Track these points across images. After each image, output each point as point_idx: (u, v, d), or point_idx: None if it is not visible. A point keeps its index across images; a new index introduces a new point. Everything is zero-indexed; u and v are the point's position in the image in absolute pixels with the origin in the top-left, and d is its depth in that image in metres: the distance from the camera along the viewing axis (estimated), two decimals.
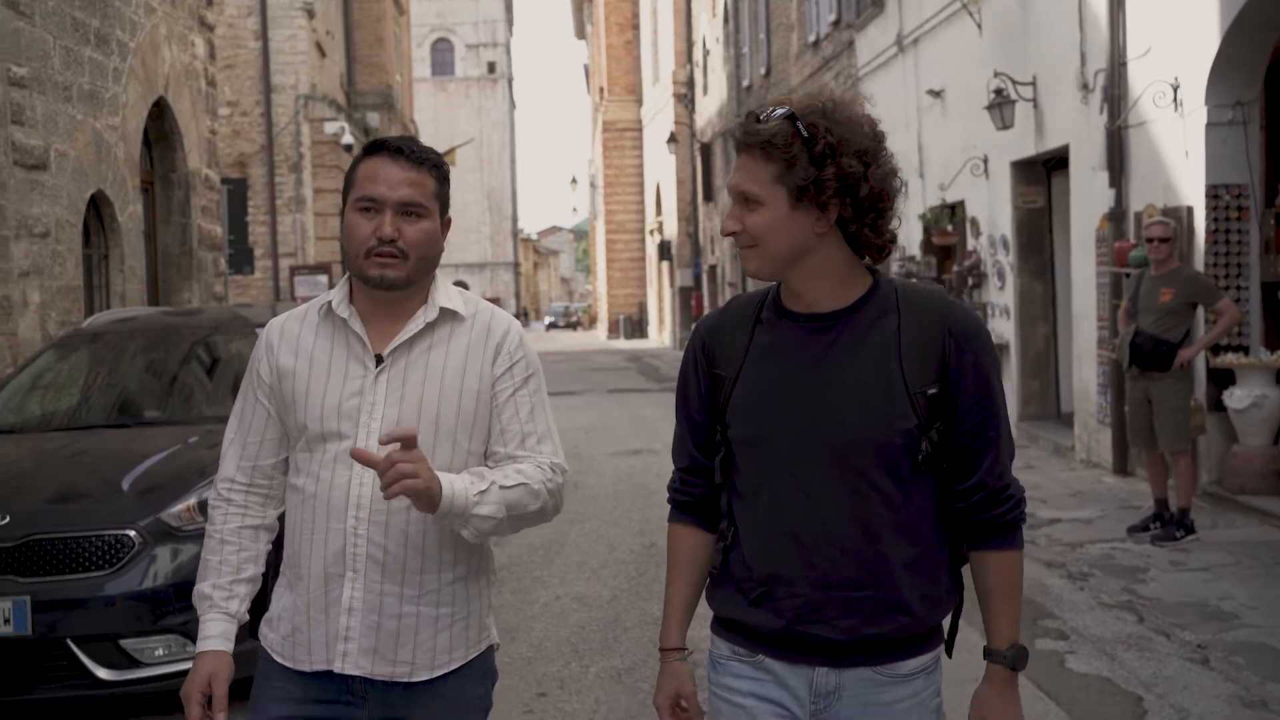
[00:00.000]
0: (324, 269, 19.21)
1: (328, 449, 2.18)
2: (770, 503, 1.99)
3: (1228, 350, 8.11)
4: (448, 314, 2.24)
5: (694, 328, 2.17)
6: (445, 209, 2.27)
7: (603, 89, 46.06)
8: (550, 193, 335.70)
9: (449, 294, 2.27)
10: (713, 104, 29.67)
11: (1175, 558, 6.84)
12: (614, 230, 46.12)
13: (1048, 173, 11.58)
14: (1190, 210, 8.47)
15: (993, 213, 12.13)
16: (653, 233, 41.80)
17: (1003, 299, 12.04)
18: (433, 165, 2.22)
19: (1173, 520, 7.23)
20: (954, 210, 13.10)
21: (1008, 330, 11.95)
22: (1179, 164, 8.66)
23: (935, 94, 13.30)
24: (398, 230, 2.16)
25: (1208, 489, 8.20)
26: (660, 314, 40.88)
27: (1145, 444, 7.39)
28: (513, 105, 71.14)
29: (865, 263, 2.01)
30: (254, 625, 2.43)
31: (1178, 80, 8.57)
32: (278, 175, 19.31)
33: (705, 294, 32.35)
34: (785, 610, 1.98)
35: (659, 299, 41.25)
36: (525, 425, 2.24)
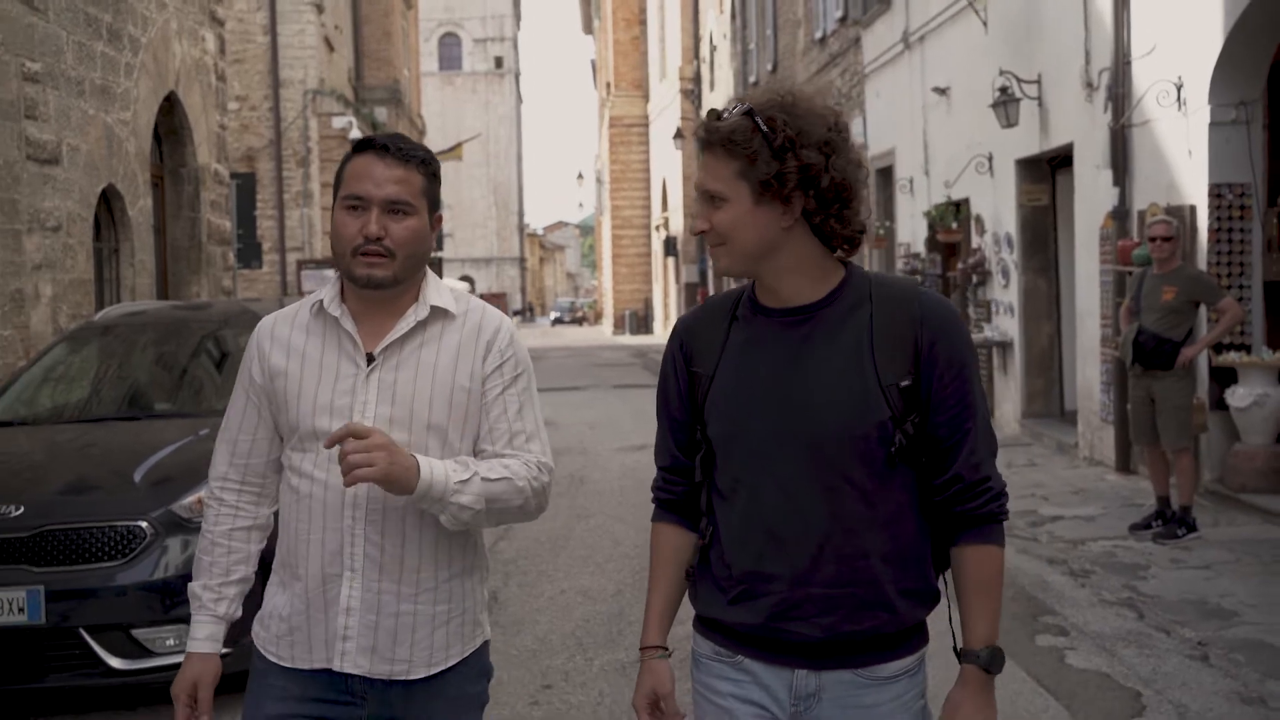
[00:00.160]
0: (331, 263, 19.22)
1: (321, 448, 2.17)
2: (748, 499, 1.99)
3: (1230, 349, 8.15)
4: (439, 312, 2.23)
5: (673, 327, 2.17)
6: (435, 206, 2.25)
7: (610, 84, 46.07)
8: (556, 188, 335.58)
9: (440, 291, 2.26)
10: (720, 100, 29.69)
11: (1176, 555, 6.89)
12: (620, 226, 46.15)
13: (1052, 171, 11.61)
14: (1193, 209, 8.51)
15: (997, 210, 12.16)
16: (659, 228, 41.82)
17: (1007, 297, 12.08)
18: (420, 162, 2.20)
19: (1174, 518, 7.27)
20: (959, 208, 13.13)
21: (1012, 328, 11.99)
22: (1182, 163, 8.69)
23: (941, 91, 13.33)
24: (384, 229, 2.15)
25: (1209, 487, 8.24)
26: (666, 310, 40.92)
27: (1147, 442, 7.43)
28: (520, 100, 71.20)
29: (838, 255, 2.00)
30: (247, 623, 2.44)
31: (1181, 79, 8.60)
32: (286, 170, 19.37)
33: (711, 290, 32.39)
34: (763, 608, 1.97)
35: (664, 295, 41.29)
36: (514, 424, 2.23)
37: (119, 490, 4.95)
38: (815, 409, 1.93)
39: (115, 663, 4.59)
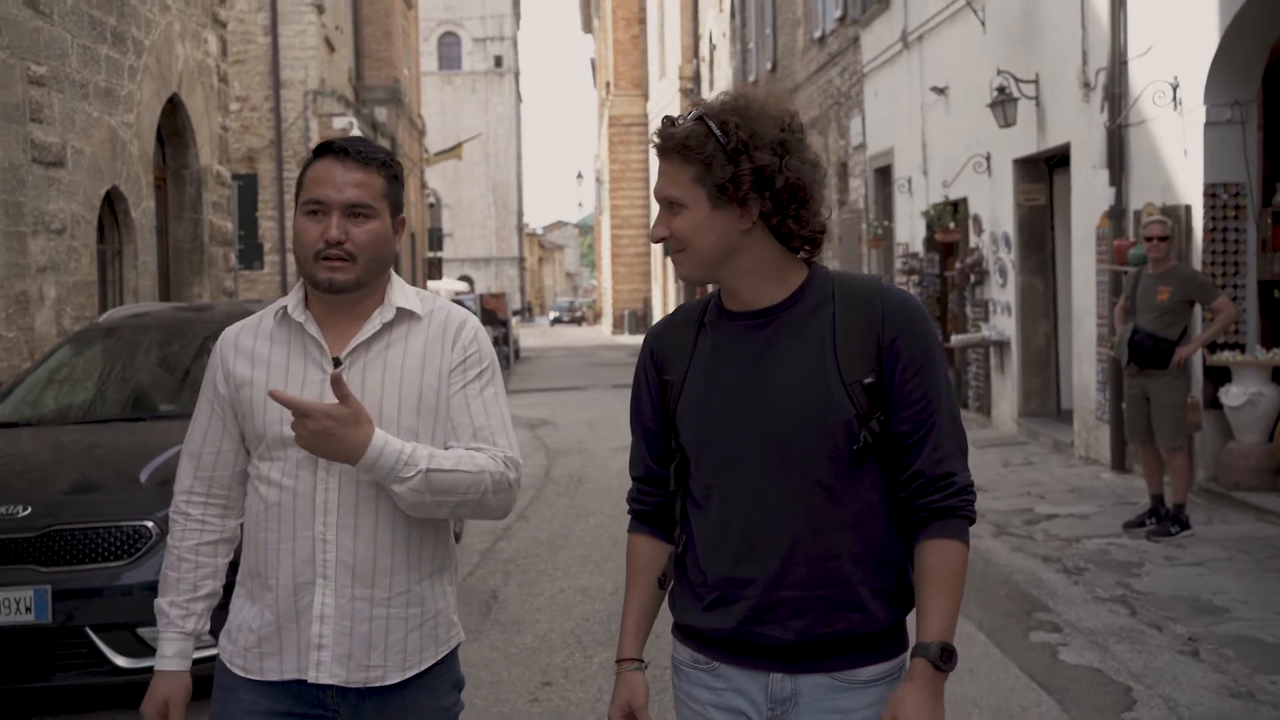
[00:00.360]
0: None
1: (289, 455, 2.14)
2: (721, 505, 1.98)
3: (1224, 348, 8.21)
4: (405, 313, 2.22)
5: (644, 336, 2.17)
6: (398, 209, 2.22)
7: (609, 83, 46.13)
8: (556, 187, 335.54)
9: (405, 293, 2.24)
10: None
11: (1170, 553, 6.95)
12: (619, 225, 46.20)
13: (1049, 170, 11.68)
14: (1188, 209, 8.57)
15: (995, 210, 12.23)
16: None
17: (1004, 296, 12.14)
18: (381, 164, 2.18)
19: (1168, 516, 7.33)
20: (956, 207, 13.19)
21: (1009, 327, 12.05)
22: (1178, 163, 8.76)
23: (939, 91, 13.39)
24: (345, 232, 2.13)
25: (1203, 485, 8.31)
26: (665, 309, 40.97)
27: (1143, 440, 7.49)
28: (519, 99, 71.23)
29: (800, 256, 2.00)
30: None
31: (1177, 79, 8.66)
32: (286, 170, 19.40)
33: (710, 290, 32.41)
34: (737, 612, 1.96)
35: (664, 294, 41.34)
36: (477, 419, 2.21)
37: (124, 490, 5.00)
38: (779, 410, 1.93)
39: (121, 661, 4.65)
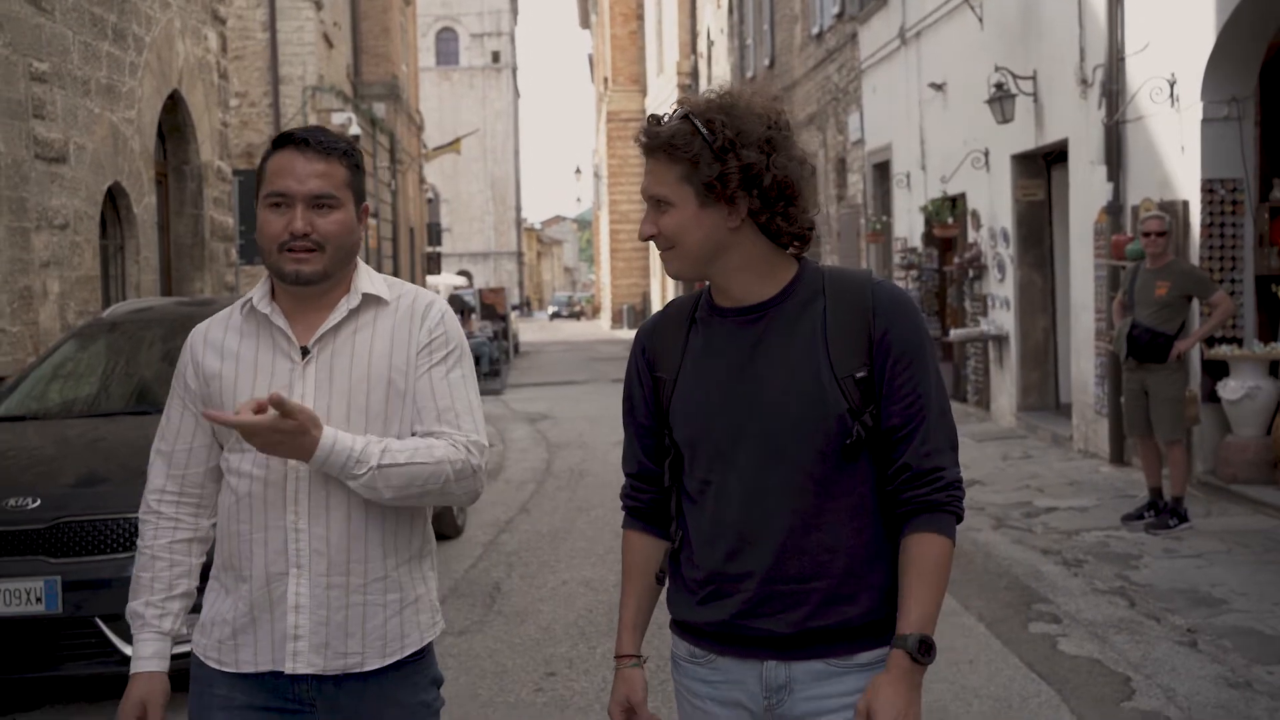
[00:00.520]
0: None
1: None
2: (715, 500, 1.98)
3: (1222, 342, 8.26)
4: (371, 299, 2.21)
5: (635, 334, 2.17)
6: (360, 198, 2.21)
7: (607, 79, 46.14)
8: (554, 182, 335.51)
9: (372, 280, 2.23)
10: None
11: (1168, 545, 7.00)
12: (618, 220, 46.23)
13: (1047, 166, 11.72)
14: (1186, 204, 8.62)
15: (993, 205, 12.27)
16: None
17: (1003, 291, 12.19)
18: (343, 154, 2.16)
19: (1166, 509, 7.38)
20: (955, 203, 13.24)
21: (1008, 322, 12.10)
22: (1175, 159, 8.80)
23: (937, 87, 13.43)
24: (310, 224, 2.11)
25: (1201, 478, 8.36)
26: (663, 304, 40.96)
27: (1141, 434, 7.53)
28: (517, 95, 71.18)
29: (790, 251, 2.00)
30: None
31: (1174, 76, 8.70)
32: None
33: (708, 285, 32.46)
34: (730, 606, 1.97)
35: (663, 289, 41.37)
36: (441, 401, 2.18)
37: (131, 483, 4.99)
38: (772, 405, 1.93)
39: (130, 651, 4.68)
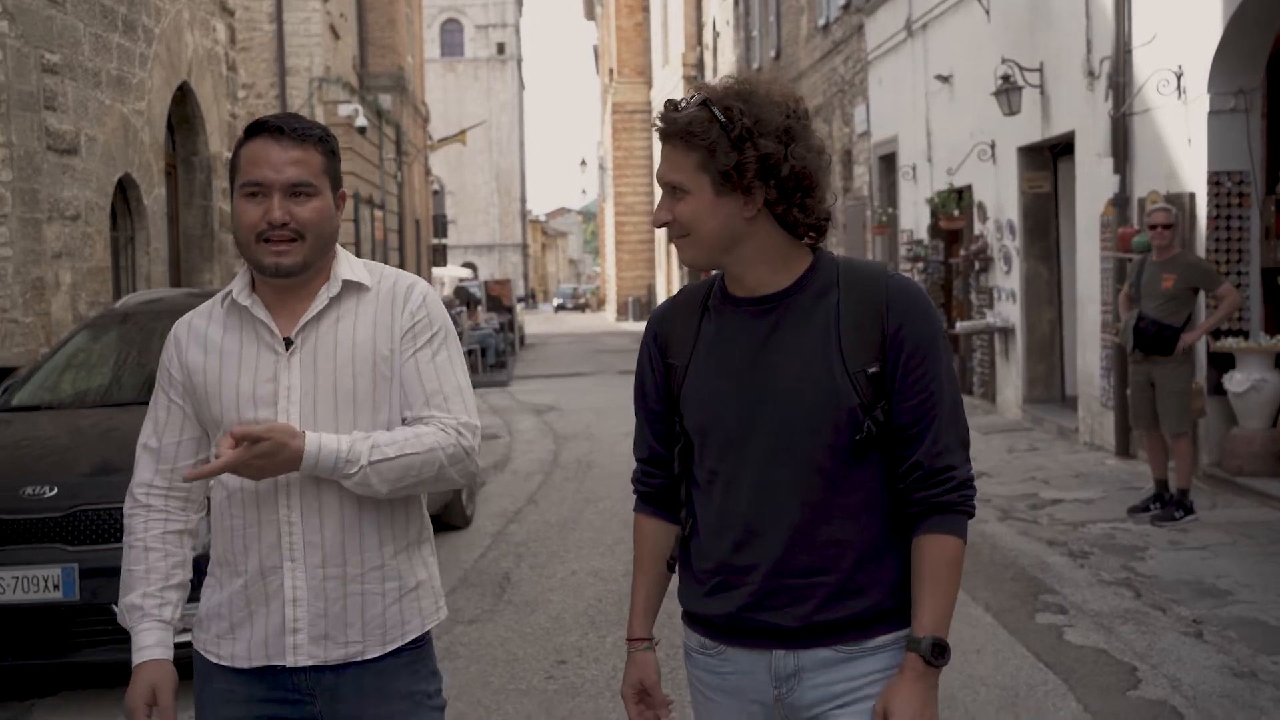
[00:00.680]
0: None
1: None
2: (724, 491, 1.97)
3: (1228, 335, 8.28)
4: (352, 286, 2.18)
5: (647, 320, 2.16)
6: (337, 184, 2.17)
7: (612, 71, 46.12)
8: (559, 174, 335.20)
9: (352, 266, 2.21)
10: None
11: (1174, 537, 7.04)
12: (623, 212, 46.24)
13: (1054, 158, 11.73)
14: (1192, 196, 8.64)
15: (999, 197, 12.29)
16: None
17: (1009, 283, 12.21)
18: (318, 140, 2.13)
19: (1172, 501, 7.41)
20: (961, 195, 13.25)
21: (1014, 314, 12.12)
22: (1182, 151, 8.82)
23: (944, 79, 13.44)
24: (288, 213, 2.08)
25: (1207, 471, 8.39)
26: (669, 296, 41.03)
27: (1147, 426, 7.56)
28: (522, 86, 71.16)
29: (806, 242, 1.98)
30: None
31: (1181, 68, 8.72)
32: None
33: (714, 276, 32.47)
34: (738, 598, 1.96)
35: (668, 281, 41.40)
36: (429, 384, 2.17)
37: None
38: (783, 398, 1.91)
39: None
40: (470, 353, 19.79)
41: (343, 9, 22.69)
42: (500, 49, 68.77)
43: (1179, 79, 8.74)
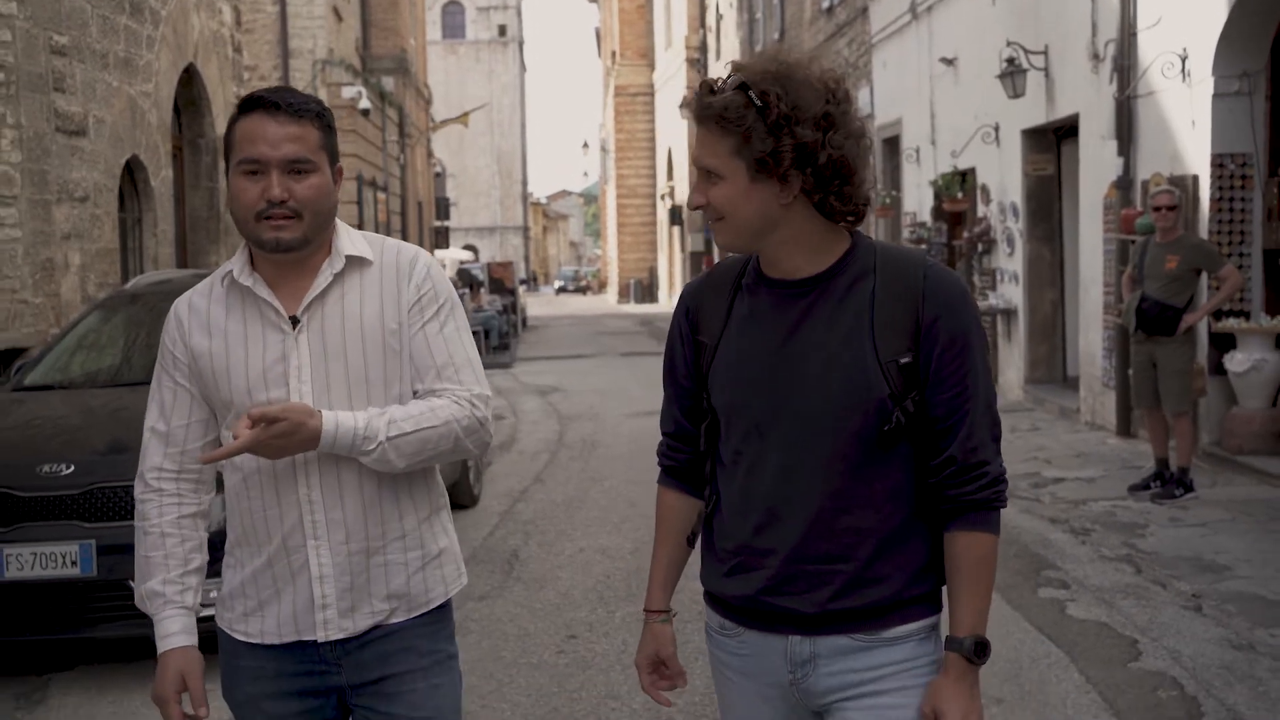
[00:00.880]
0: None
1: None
2: (747, 472, 1.96)
3: (1229, 315, 8.34)
4: (355, 260, 2.16)
5: (680, 292, 2.14)
6: (334, 159, 2.14)
7: (615, 53, 46.01)
8: (560, 157, 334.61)
9: (353, 240, 2.18)
10: (725, 70, 29.70)
11: (1174, 514, 7.11)
12: (625, 195, 46.22)
13: (1058, 141, 11.76)
14: (1196, 179, 8.68)
15: (1003, 180, 12.32)
16: (664, 197, 41.90)
17: (1012, 265, 12.26)
18: (315, 115, 2.10)
19: (1173, 479, 7.49)
20: (965, 177, 13.29)
21: (1016, 296, 12.17)
22: (1186, 133, 8.86)
23: (948, 62, 13.45)
24: (287, 190, 2.05)
25: (1207, 449, 8.46)
26: (671, 278, 41.05)
27: (1148, 406, 7.62)
28: (523, 69, 71.02)
29: (843, 225, 1.94)
30: None
31: (1186, 51, 8.75)
32: None
33: (716, 259, 32.53)
34: (756, 580, 1.95)
35: (670, 263, 41.42)
36: (439, 357, 2.16)
37: None
38: (812, 384, 1.89)
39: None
40: (474, 335, 19.83)
41: None
42: (502, 31, 68.63)
43: (1183, 62, 8.77)
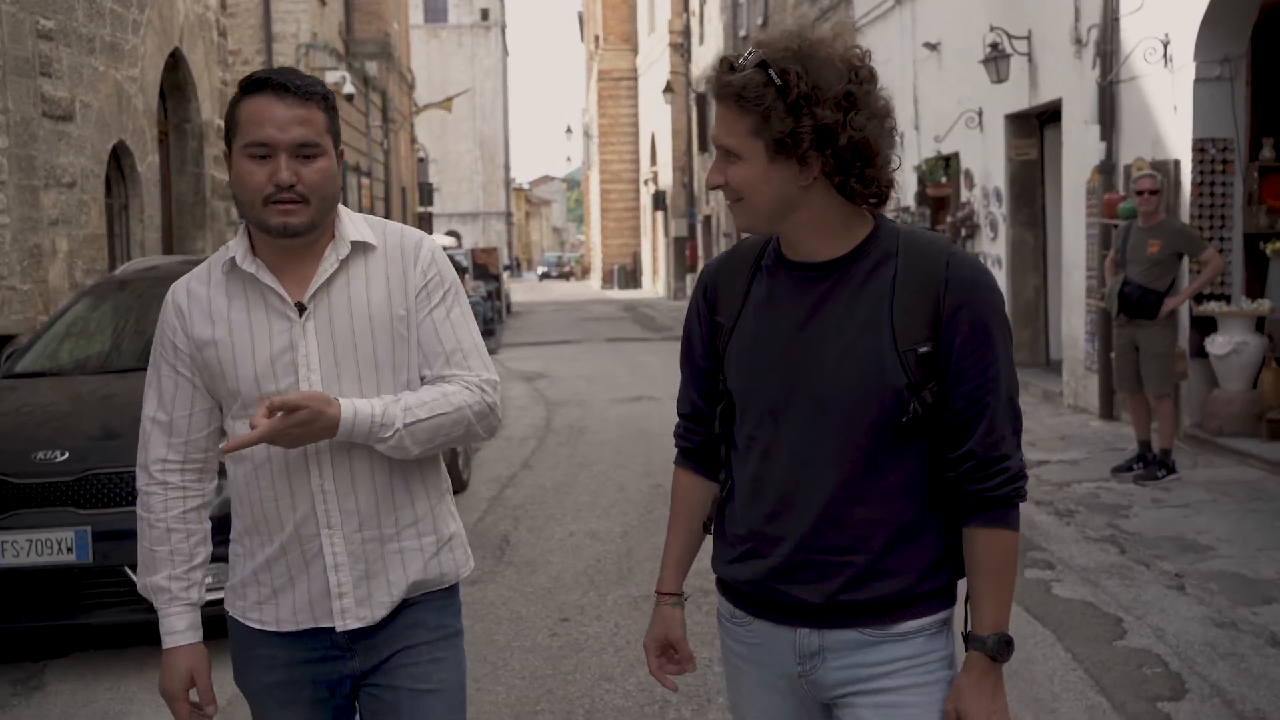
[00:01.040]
0: None
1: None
2: (760, 458, 1.92)
3: (1210, 299, 8.43)
4: (360, 246, 2.14)
5: (699, 271, 2.13)
6: (338, 142, 2.12)
7: (598, 37, 45.93)
8: (543, 141, 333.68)
9: (356, 225, 2.16)
10: (709, 54, 29.74)
11: (1156, 495, 7.21)
12: (609, 180, 46.19)
13: (1040, 126, 11.84)
14: (1177, 163, 8.76)
15: (986, 165, 12.39)
16: (647, 183, 41.90)
17: (995, 249, 12.34)
18: (321, 97, 2.07)
19: (1155, 461, 7.58)
20: (948, 162, 13.36)
21: (999, 280, 12.26)
22: (1167, 118, 8.94)
23: (932, 47, 13.50)
24: (295, 174, 2.02)
25: (1189, 431, 8.57)
26: (654, 264, 41.06)
27: (1130, 389, 7.71)
28: (506, 53, 70.72)
29: (865, 208, 1.88)
30: None
31: (1168, 36, 8.82)
32: None
33: (699, 244, 32.58)
34: (764, 567, 1.92)
35: (653, 249, 41.42)
36: (447, 343, 2.16)
37: None
38: (828, 370, 1.84)
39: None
40: None
41: None
42: (484, 15, 68.29)
43: (1165, 47, 8.85)
